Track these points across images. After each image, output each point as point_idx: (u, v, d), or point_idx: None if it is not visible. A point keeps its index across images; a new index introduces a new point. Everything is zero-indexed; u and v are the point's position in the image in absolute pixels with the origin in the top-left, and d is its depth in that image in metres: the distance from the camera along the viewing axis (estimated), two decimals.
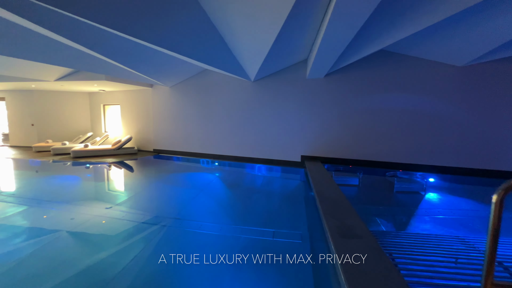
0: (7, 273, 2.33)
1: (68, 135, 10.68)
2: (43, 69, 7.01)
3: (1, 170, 7.03)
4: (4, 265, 2.46)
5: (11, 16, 3.45)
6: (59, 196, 4.67)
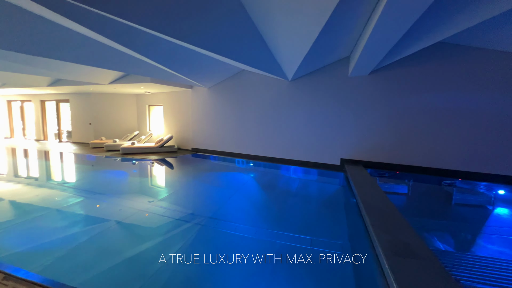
0: (66, 257, 2.56)
1: (118, 133, 11.75)
2: (99, 73, 7.78)
3: (65, 163, 8.01)
4: (63, 249, 2.71)
5: (74, 26, 3.83)
6: (110, 189, 5.10)
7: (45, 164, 7.78)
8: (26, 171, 6.85)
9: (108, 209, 3.95)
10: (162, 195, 4.81)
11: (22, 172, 6.63)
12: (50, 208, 3.95)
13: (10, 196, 4.52)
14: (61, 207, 4.00)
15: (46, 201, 4.31)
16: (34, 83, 9.30)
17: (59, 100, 12.20)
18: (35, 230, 3.16)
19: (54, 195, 4.61)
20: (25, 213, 3.75)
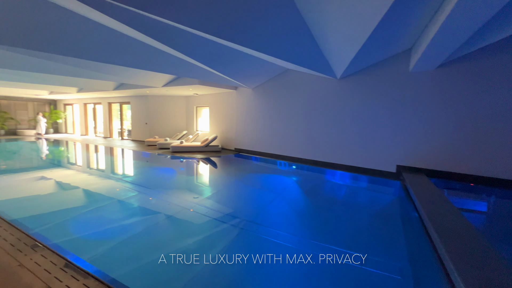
0: (117, 247, 2.72)
1: (169, 132, 12.68)
2: (154, 77, 8.46)
3: (126, 158, 8.95)
4: (116, 239, 2.90)
5: (134, 34, 4.14)
6: (161, 184, 5.45)
7: (110, 158, 8.83)
8: (96, 163, 7.91)
9: (158, 202, 4.18)
10: (205, 193, 4.90)
11: (93, 165, 7.66)
12: (112, 198, 4.40)
13: (83, 185, 5.23)
14: (120, 198, 4.42)
15: (109, 192, 4.84)
16: (103, 87, 10.64)
17: (122, 102, 13.76)
18: (97, 219, 3.49)
19: (115, 187, 5.16)
20: (92, 202, 4.23)
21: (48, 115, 16.18)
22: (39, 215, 3.59)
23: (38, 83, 9.82)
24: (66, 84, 10.53)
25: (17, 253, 2.27)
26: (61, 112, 16.51)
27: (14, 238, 2.57)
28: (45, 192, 4.94)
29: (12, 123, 15.13)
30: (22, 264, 2.11)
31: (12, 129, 15.15)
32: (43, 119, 15.60)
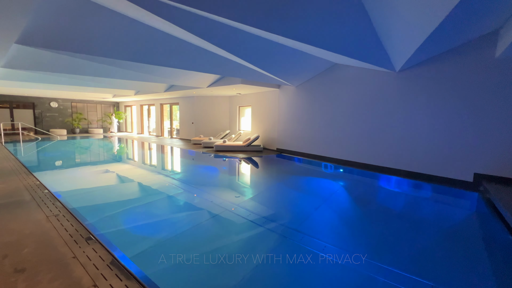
0: (164, 243, 2.73)
1: (213, 131, 13.09)
2: (200, 78, 8.74)
3: (174, 156, 9.50)
4: (163, 235, 2.93)
5: (181, 33, 4.20)
6: (205, 182, 5.52)
7: (160, 155, 9.48)
8: (149, 160, 8.59)
9: (202, 199, 4.19)
10: (247, 194, 4.76)
11: (147, 160, 8.34)
12: (161, 193, 4.61)
13: (138, 179, 5.70)
14: (168, 193, 4.63)
15: (159, 186, 5.13)
16: (156, 89, 11.50)
17: (172, 103, 14.74)
18: (145, 213, 3.62)
19: (164, 182, 5.46)
20: (144, 196, 4.47)
21: (111, 115, 18.35)
22: (97, 205, 3.89)
23: (104, 87, 11.11)
24: (125, 88, 11.68)
25: (73, 245, 2.41)
26: (122, 113, 18.55)
27: (73, 228, 2.76)
28: (107, 183, 5.48)
29: (85, 122, 17.59)
30: (76, 256, 2.21)
31: (85, 128, 17.61)
32: (116, 120, 17.83)
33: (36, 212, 3.19)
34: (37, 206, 3.43)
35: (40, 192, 4.05)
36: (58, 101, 16.26)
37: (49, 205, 3.46)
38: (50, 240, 2.49)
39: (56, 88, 11.60)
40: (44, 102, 15.71)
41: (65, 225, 2.84)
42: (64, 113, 16.59)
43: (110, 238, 2.71)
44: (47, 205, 3.48)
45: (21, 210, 3.25)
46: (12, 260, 2.14)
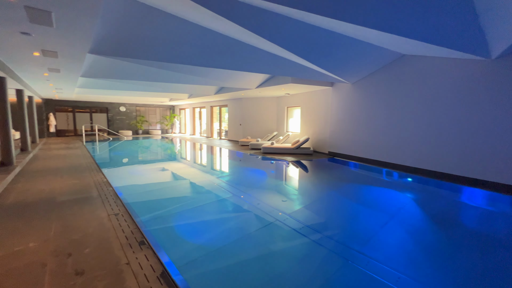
0: (213, 253, 2.55)
1: (261, 133, 12.96)
2: (249, 79, 8.65)
3: (223, 157, 9.65)
4: (211, 241, 2.76)
5: (230, 28, 4.05)
6: (253, 186, 5.30)
7: (210, 156, 9.74)
8: (200, 159, 8.93)
9: (249, 202, 3.95)
10: (298, 203, 4.34)
11: (198, 160, 8.71)
12: (210, 192, 4.57)
13: (189, 177, 5.97)
14: (216, 193, 4.60)
15: (208, 186, 5.18)
16: (206, 92, 11.94)
17: (221, 106, 15.19)
18: (195, 213, 3.54)
19: (213, 182, 5.48)
20: (194, 195, 4.48)
21: (168, 118, 19.97)
22: (152, 205, 3.99)
23: (162, 91, 12.03)
24: (180, 91, 12.45)
25: (128, 249, 2.38)
26: (177, 115, 20.02)
27: (129, 230, 2.79)
28: (162, 182, 5.76)
29: (146, 124, 19.54)
30: (129, 262, 2.16)
31: (146, 129, 19.56)
32: (177, 121, 19.43)
33: (100, 210, 3.39)
34: (102, 203, 3.66)
35: (105, 189, 4.37)
36: (126, 106, 18.41)
37: (111, 203, 3.66)
38: (108, 241, 2.53)
39: (124, 94, 13.07)
40: (115, 107, 17.97)
41: (122, 226, 2.89)
42: (130, 116, 18.70)
43: (161, 243, 2.65)
44: (109, 202, 3.69)
45: (89, 207, 3.50)
46: (74, 259, 2.20)
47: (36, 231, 2.73)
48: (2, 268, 2.05)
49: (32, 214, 3.22)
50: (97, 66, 6.37)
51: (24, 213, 3.24)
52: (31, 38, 3.59)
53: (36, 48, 4.07)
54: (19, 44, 3.87)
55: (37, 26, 3.12)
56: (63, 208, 3.43)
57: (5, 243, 2.46)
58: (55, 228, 2.81)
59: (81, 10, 2.72)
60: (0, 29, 3.17)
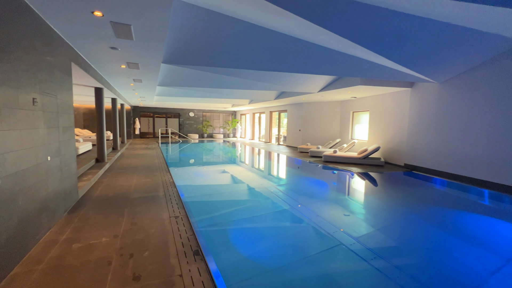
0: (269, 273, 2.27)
1: (321, 139, 12.17)
2: (311, 82, 8.16)
3: (280, 163, 9.39)
4: (267, 254, 2.48)
5: (295, 23, 3.75)
6: (313, 196, 4.82)
7: (268, 162, 9.62)
8: (258, 164, 9.00)
9: (308, 220, 3.51)
10: (367, 225, 3.65)
11: (256, 165, 8.80)
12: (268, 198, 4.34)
13: (247, 181, 6.08)
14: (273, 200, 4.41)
15: (265, 191, 5.07)
16: (267, 97, 11.95)
17: (280, 111, 15.02)
18: (251, 228, 3.34)
19: (270, 188, 5.29)
20: (251, 200, 4.34)
21: (230, 123, 21.02)
22: (209, 210, 3.99)
23: (225, 97, 12.65)
24: (241, 97, 12.84)
25: (183, 258, 2.32)
26: (238, 121, 20.89)
27: (186, 236, 2.76)
28: (221, 186, 5.89)
29: (210, 129, 21.05)
30: (182, 274, 2.07)
31: (210, 133, 21.06)
32: (240, 126, 20.46)
33: (163, 211, 3.54)
34: (166, 204, 3.85)
35: (171, 190, 4.64)
36: (194, 112, 20.25)
37: (173, 204, 3.81)
38: (166, 245, 2.54)
39: (193, 101, 14.34)
40: (186, 113, 19.98)
41: (180, 230, 2.90)
42: (197, 121, 20.47)
43: (214, 255, 2.51)
44: (172, 204, 3.84)
45: (154, 206, 3.71)
46: (134, 261, 2.24)
47: (110, 226, 2.98)
48: (78, 259, 2.24)
49: (110, 208, 3.59)
50: (170, 75, 7.03)
51: (105, 207, 3.64)
52: (118, 52, 4.11)
53: (123, 61, 4.66)
54: (110, 58, 4.50)
55: (122, 40, 3.50)
56: (134, 205, 3.73)
57: (86, 235, 2.74)
58: (125, 225, 3.02)
59: (153, 21, 2.88)
60: (96, 45, 3.70)
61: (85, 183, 4.52)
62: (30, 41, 2.46)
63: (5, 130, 2.03)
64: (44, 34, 2.79)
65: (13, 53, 2.14)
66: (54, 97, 3.03)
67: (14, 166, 2.15)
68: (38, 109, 2.62)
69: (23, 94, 2.31)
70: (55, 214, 2.99)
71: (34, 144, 2.53)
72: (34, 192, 2.49)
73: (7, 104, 2.06)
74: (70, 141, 3.65)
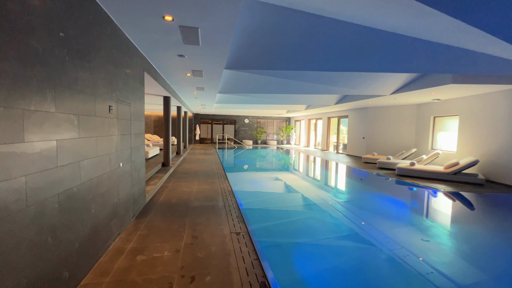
0: None
1: (391, 149, 10.61)
2: (383, 83, 7.09)
3: (339, 173, 8.47)
4: None
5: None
6: (386, 217, 3.94)
7: (324, 171, 8.81)
8: (313, 173, 8.43)
9: (387, 251, 2.75)
10: (465, 262, 2.65)
11: (311, 173, 8.29)
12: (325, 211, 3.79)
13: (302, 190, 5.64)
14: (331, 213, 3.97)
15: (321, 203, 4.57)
16: (326, 102, 11.11)
17: (340, 117, 13.85)
18: (317, 253, 2.80)
19: (327, 200, 4.73)
20: (308, 213, 3.80)
21: (284, 129, 20.61)
22: (273, 230, 3.59)
23: (280, 103, 12.33)
24: (297, 103, 12.32)
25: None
26: (292, 127, 20.33)
27: (249, 261, 2.40)
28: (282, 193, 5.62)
29: (264, 135, 21.04)
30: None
31: (264, 140, 21.05)
32: (294, 133, 20.05)
33: (223, 224, 3.29)
34: (225, 216, 3.62)
35: (230, 200, 4.44)
36: (249, 118, 20.59)
37: (233, 217, 3.55)
38: (228, 271, 2.22)
39: (249, 108, 14.49)
40: (241, 119, 20.48)
41: (243, 252, 2.57)
42: (252, 127, 20.73)
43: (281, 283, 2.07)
44: (232, 216, 3.59)
45: (214, 218, 3.51)
46: (195, 286, 1.98)
47: (173, 236, 2.86)
48: (141, 276, 2.10)
49: (173, 216, 3.55)
50: (229, 83, 7.06)
51: (168, 214, 3.62)
52: (185, 60, 4.16)
53: (188, 69, 4.76)
54: (177, 67, 4.64)
55: (189, 47, 3.48)
56: (194, 215, 3.61)
57: (150, 246, 2.65)
58: (186, 237, 2.86)
59: (220, 22, 2.69)
60: (165, 53, 3.79)
61: (152, 187, 4.70)
62: (109, 51, 2.53)
63: (82, 138, 2.04)
64: (122, 45, 2.90)
65: (93, 62, 2.18)
66: (128, 105, 3.13)
67: (89, 174, 2.16)
68: (113, 117, 2.69)
69: (100, 102, 2.35)
70: (124, 219, 3.05)
71: (108, 151, 2.58)
72: (106, 199, 2.52)
73: (85, 112, 2.08)
74: (140, 147, 3.78)
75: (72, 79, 1.86)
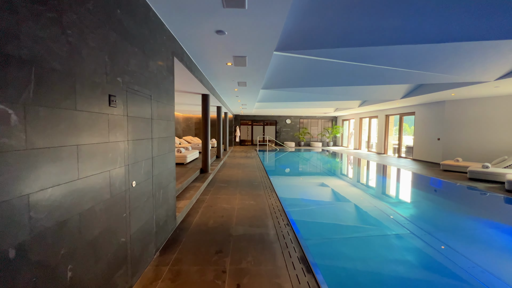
0: None
1: (480, 154, 8.21)
2: (484, 66, 5.13)
3: (402, 181, 6.72)
4: None
5: None
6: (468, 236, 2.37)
7: (382, 178, 7.17)
8: (366, 180, 7.27)
9: None
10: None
11: (363, 180, 7.25)
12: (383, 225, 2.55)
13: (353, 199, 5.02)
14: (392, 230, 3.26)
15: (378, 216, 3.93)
16: (390, 96, 9.20)
17: (403, 114, 11.62)
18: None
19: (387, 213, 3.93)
20: (362, 226, 2.52)
21: (330, 130, 18.71)
22: (346, 261, 2.36)
23: (330, 100, 10.79)
24: (351, 98, 10.63)
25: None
26: (339, 127, 18.31)
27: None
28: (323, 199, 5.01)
29: (308, 136, 19.41)
30: None
31: (307, 141, 19.43)
32: (347, 133, 18.17)
33: (280, 269, 2.17)
34: (281, 253, 2.50)
35: (282, 224, 3.31)
36: (291, 118, 19.24)
37: (293, 258, 2.41)
38: None
39: (292, 106, 13.22)
40: (282, 120, 19.24)
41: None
42: (294, 128, 19.32)
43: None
44: (291, 255, 2.45)
45: (265, 259, 2.41)
46: None
47: None
48: None
49: (208, 253, 2.55)
50: (275, 75, 5.95)
51: (202, 249, 2.65)
52: (225, 40, 3.18)
53: (229, 54, 3.79)
54: (214, 52, 3.72)
55: (230, 14, 2.46)
56: (238, 251, 2.56)
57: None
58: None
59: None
60: (199, 28, 2.84)
61: (186, 203, 3.84)
62: (109, 6, 1.64)
63: (35, 149, 1.13)
64: (134, 6, 2.02)
65: (67, 13, 1.28)
66: (147, 98, 2.25)
67: (58, 211, 1.25)
68: (119, 113, 1.80)
69: (87, 87, 1.45)
70: (140, 262, 2.14)
71: (106, 166, 1.68)
72: (102, 245, 1.62)
73: (42, 101, 1.17)
74: (168, 156, 2.91)
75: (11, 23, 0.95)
